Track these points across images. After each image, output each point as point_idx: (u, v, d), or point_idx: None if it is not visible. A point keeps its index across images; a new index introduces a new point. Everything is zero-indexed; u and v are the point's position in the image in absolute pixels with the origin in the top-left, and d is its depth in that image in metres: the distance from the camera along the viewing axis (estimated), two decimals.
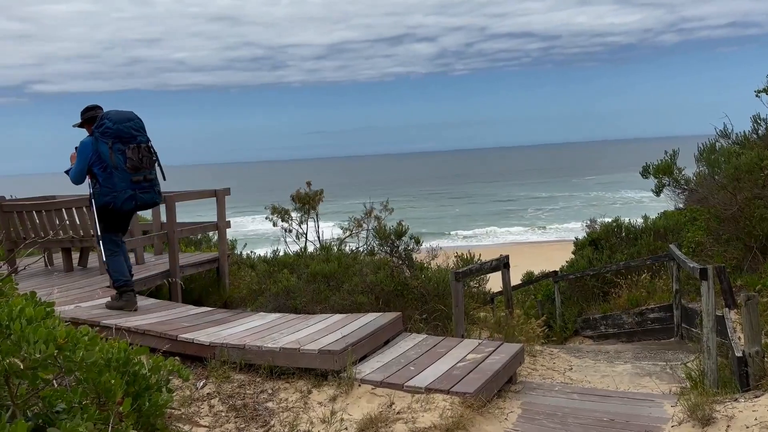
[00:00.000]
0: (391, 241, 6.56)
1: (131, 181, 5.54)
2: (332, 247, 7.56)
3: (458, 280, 5.48)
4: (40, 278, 7.74)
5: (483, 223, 49.37)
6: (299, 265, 7.11)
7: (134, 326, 5.26)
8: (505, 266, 7.53)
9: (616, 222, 10.81)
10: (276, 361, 4.63)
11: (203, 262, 8.23)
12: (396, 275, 6.27)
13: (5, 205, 8.12)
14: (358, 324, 5.15)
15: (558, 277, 10.40)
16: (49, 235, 7.90)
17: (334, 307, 6.24)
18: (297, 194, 9.34)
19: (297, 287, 6.58)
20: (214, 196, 8.23)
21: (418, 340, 5.19)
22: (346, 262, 6.59)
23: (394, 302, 6.37)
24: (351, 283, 6.25)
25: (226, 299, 8.16)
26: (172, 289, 7.60)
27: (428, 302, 6.37)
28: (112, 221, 5.78)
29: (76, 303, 6.16)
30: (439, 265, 7.31)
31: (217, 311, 6.09)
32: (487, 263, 6.60)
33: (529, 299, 12.25)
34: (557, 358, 6.73)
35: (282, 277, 6.99)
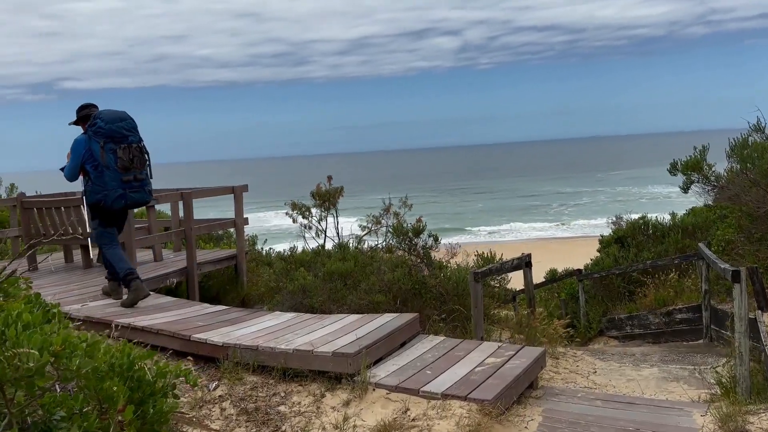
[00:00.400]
0: (409, 239, 6.41)
1: (121, 181, 5.61)
2: (349, 245, 7.43)
3: (477, 280, 5.32)
4: (59, 275, 7.75)
5: (506, 218, 48.97)
6: (316, 264, 7.00)
7: (148, 325, 5.19)
8: (527, 265, 7.34)
9: (643, 219, 10.53)
10: (289, 363, 4.52)
11: (221, 259, 8.16)
12: (414, 274, 6.13)
13: (25, 202, 8.14)
14: (374, 325, 5.02)
15: (582, 276, 10.16)
16: (68, 232, 7.91)
17: (351, 306, 6.12)
18: (317, 191, 9.23)
19: (313, 286, 6.47)
20: (232, 192, 8.16)
21: (436, 342, 5.04)
22: (362, 261, 6.46)
23: (412, 302, 6.23)
24: (368, 282, 6.13)
25: (243, 297, 8.09)
26: (190, 287, 7.55)
27: (447, 302, 6.22)
28: (105, 217, 5.87)
29: (91, 301, 6.12)
30: (458, 264, 7.14)
31: (232, 310, 6.00)
32: (507, 262, 6.42)
33: (554, 299, 12.01)
34: (581, 360, 6.53)
35: (299, 275, 6.89)
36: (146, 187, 5.78)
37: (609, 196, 59.21)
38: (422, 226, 6.40)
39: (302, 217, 9.14)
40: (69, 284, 7.00)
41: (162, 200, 7.50)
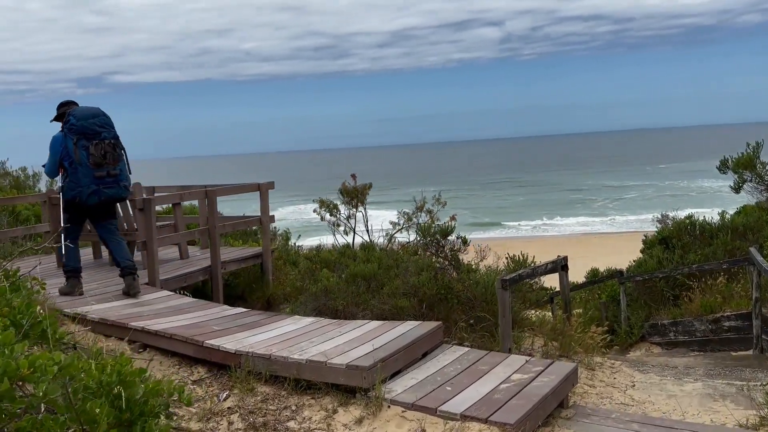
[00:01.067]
0: (436, 241, 6.11)
1: (94, 177, 5.69)
2: (377, 244, 7.17)
3: (505, 288, 4.99)
4: (87, 271, 7.68)
5: (549, 212, 47.98)
6: (340, 264, 6.77)
7: (161, 329, 5.05)
8: (562, 268, 6.96)
9: (690, 219, 9.95)
10: (302, 374, 4.29)
11: (247, 258, 8.02)
12: (440, 278, 5.83)
13: (53, 198, 8.13)
14: (394, 334, 4.76)
15: (624, 278, 9.67)
16: None
17: (374, 311, 5.87)
18: (344, 187, 9.00)
19: (337, 288, 6.24)
20: (257, 190, 7.99)
21: (459, 353, 4.74)
22: (387, 263, 6.19)
23: (438, 307, 5.94)
24: (392, 286, 5.86)
25: (269, 296, 7.94)
26: (214, 286, 7.43)
27: (475, 308, 5.90)
28: (80, 213, 6.02)
29: (111, 300, 6.03)
30: (489, 266, 6.81)
31: (251, 313, 5.82)
32: (541, 266, 6.06)
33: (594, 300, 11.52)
34: (619, 372, 6.14)
35: (322, 276, 6.67)
36: (121, 182, 5.83)
37: (657, 190, 57.45)
38: (450, 226, 6.09)
39: (329, 215, 8.92)
40: (93, 281, 6.94)
41: (186, 198, 7.39)
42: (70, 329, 5.10)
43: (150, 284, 6.64)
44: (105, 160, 5.68)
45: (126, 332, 5.21)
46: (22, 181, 14.02)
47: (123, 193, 5.95)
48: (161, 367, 4.97)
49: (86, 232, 7.95)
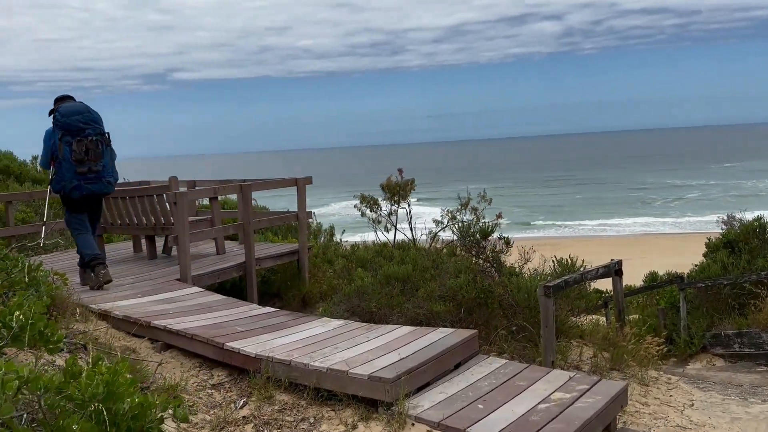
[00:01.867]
0: (476, 241, 5.71)
1: (76, 172, 5.78)
2: (412, 246, 6.81)
3: (548, 295, 4.56)
4: (123, 265, 7.66)
5: (608, 211, 46.44)
6: (375, 264, 6.45)
7: (183, 329, 4.84)
8: (616, 273, 6.44)
9: (758, 221, 9.17)
10: (322, 383, 3.99)
11: (282, 254, 7.79)
12: (479, 281, 5.43)
13: None
14: (424, 342, 4.40)
15: (685, 284, 8.99)
16: (134, 222, 7.81)
17: (408, 314, 5.52)
18: (387, 183, 8.67)
19: (370, 289, 5.92)
20: (295, 185, 7.75)
21: (496, 366, 4.35)
22: (423, 264, 5.83)
23: (476, 312, 5.54)
24: (427, 289, 5.49)
25: (304, 294, 7.69)
26: (248, 283, 7.23)
27: (517, 314, 5.48)
28: (70, 205, 6.09)
29: (139, 296, 5.89)
30: (535, 269, 6.36)
31: (279, 313, 5.57)
32: (590, 271, 5.58)
33: (652, 305, 10.84)
34: (676, 388, 5.60)
35: (357, 275, 6.37)
36: (104, 178, 5.91)
37: (722, 190, 54.83)
38: (491, 226, 5.68)
39: (370, 211, 8.61)
40: (125, 276, 6.85)
41: (220, 192, 7.21)
42: (88, 327, 4.96)
43: (181, 280, 6.48)
44: (87, 156, 5.75)
45: (149, 330, 5.04)
46: None
47: (106, 189, 6.01)
48: (182, 368, 4.77)
49: (125, 226, 7.92)
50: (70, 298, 5.29)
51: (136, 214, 7.71)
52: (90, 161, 5.79)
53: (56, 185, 5.96)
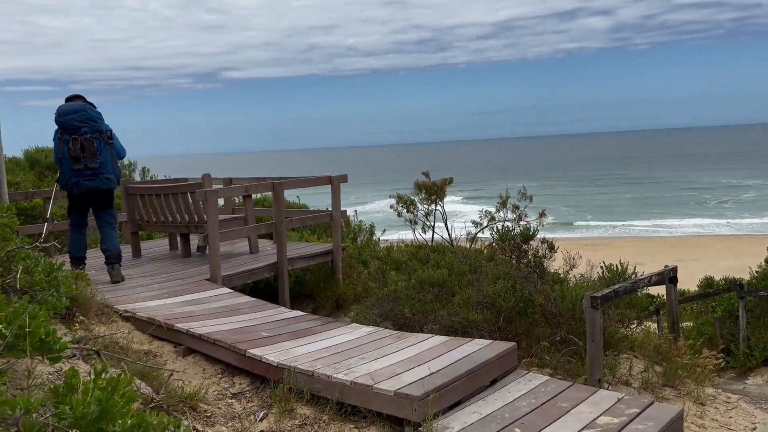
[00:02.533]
0: (516, 245, 5.33)
1: (73, 169, 5.96)
2: (448, 248, 6.46)
3: (596, 306, 4.16)
4: (157, 263, 7.56)
5: (659, 211, 44.90)
6: (410, 267, 6.14)
7: (206, 333, 4.64)
8: (671, 281, 5.97)
9: None
10: (345, 397, 3.71)
11: (316, 255, 7.56)
12: (519, 288, 5.06)
13: (130, 188, 8.05)
14: (458, 355, 4.07)
15: (745, 292, 8.39)
16: (168, 219, 7.70)
17: (442, 322, 5.19)
18: (422, 182, 8.34)
19: (404, 294, 5.62)
20: (329, 183, 7.50)
21: (536, 383, 3.98)
22: (459, 269, 5.49)
23: (516, 321, 5.17)
24: (463, 295, 5.15)
25: (338, 296, 7.44)
26: (279, 284, 7.02)
27: (560, 325, 5.09)
28: (73, 203, 6.35)
29: (166, 297, 5.73)
30: (581, 275, 5.94)
31: (307, 318, 5.31)
32: (643, 279, 5.14)
33: (708, 313, 10.21)
34: (735, 408, 5.11)
35: (390, 279, 6.07)
36: (102, 174, 6.04)
37: None
38: (533, 229, 5.30)
39: (407, 211, 8.30)
40: (156, 275, 6.72)
41: (251, 190, 7.01)
42: (110, 329, 4.81)
43: (211, 280, 6.31)
44: (83, 154, 5.90)
45: (171, 334, 4.86)
46: None
47: (103, 185, 6.10)
48: (203, 374, 4.56)
49: (160, 223, 7.82)
50: (93, 298, 5.17)
51: (170, 212, 7.59)
52: (86, 158, 5.92)
53: (60, 182, 6.20)
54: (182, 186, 7.48)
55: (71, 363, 3.53)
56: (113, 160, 6.14)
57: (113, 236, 6.38)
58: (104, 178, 6.06)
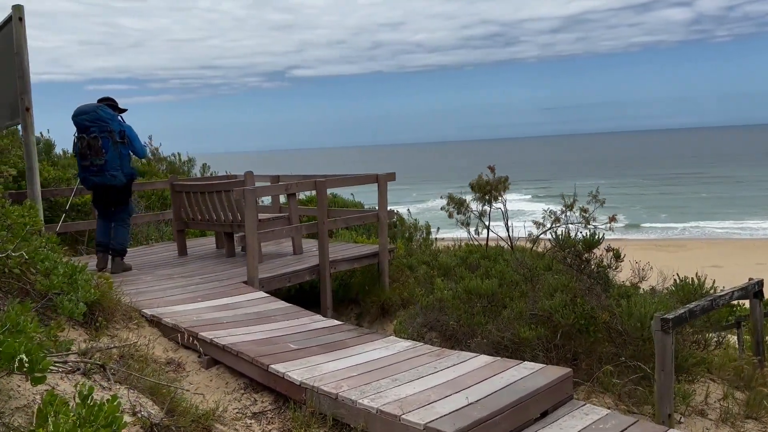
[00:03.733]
0: (577, 253, 4.74)
1: (82, 166, 6.43)
2: (501, 255, 5.90)
3: (667, 330, 3.55)
4: (198, 263, 7.33)
5: (738, 212, 42.22)
6: (458, 274, 5.63)
7: (231, 344, 4.29)
8: (755, 296, 5.23)
9: None
10: (371, 426, 3.27)
11: (361, 257, 7.14)
12: (580, 303, 4.48)
13: (176, 185, 7.89)
14: (503, 381, 3.55)
15: None
16: (213, 217, 7.48)
17: (491, 338, 4.67)
18: (477, 181, 7.79)
19: (450, 303, 5.12)
20: (375, 181, 7.07)
21: (594, 419, 3.41)
22: (511, 278, 4.94)
23: (575, 339, 4.59)
24: (515, 309, 4.61)
25: (383, 301, 7.01)
26: (321, 287, 6.66)
27: (626, 345, 4.48)
28: (92, 196, 6.86)
29: (199, 300, 5.45)
30: (651, 287, 5.28)
31: (341, 328, 4.89)
32: (723, 296, 4.46)
33: None
34: None
35: (436, 286, 5.59)
36: (108, 171, 6.33)
37: None
38: (598, 236, 4.69)
39: (458, 213, 7.78)
40: (194, 276, 6.48)
41: (292, 189, 6.67)
42: (135, 335, 4.55)
43: (248, 283, 6.00)
44: (89, 152, 6.26)
45: (196, 342, 4.55)
46: (177, 166, 14.43)
47: (108, 181, 6.39)
48: (225, 389, 4.22)
49: (204, 221, 7.61)
50: (119, 301, 4.93)
51: (215, 210, 7.37)
52: (92, 156, 6.28)
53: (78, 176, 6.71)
54: (224, 184, 7.23)
55: (70, 379, 3.24)
56: (122, 159, 6.41)
57: (120, 232, 6.74)
58: (109, 175, 6.35)
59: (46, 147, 12.35)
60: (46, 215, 8.97)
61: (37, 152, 11.99)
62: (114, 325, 4.75)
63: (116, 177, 6.37)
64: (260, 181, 10.05)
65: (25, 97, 5.27)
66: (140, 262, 7.61)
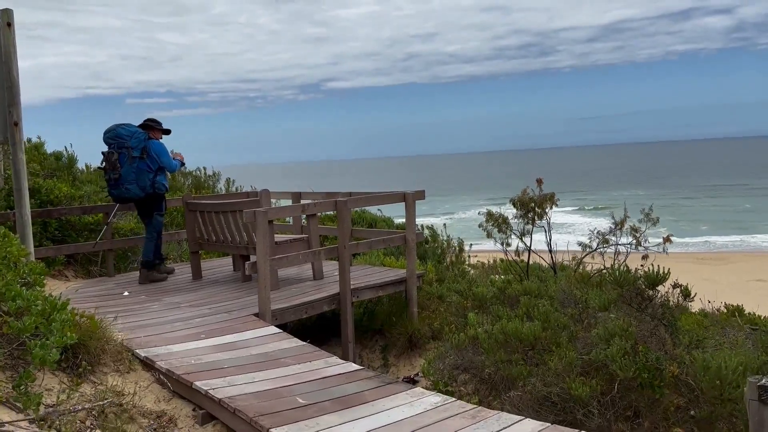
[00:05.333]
0: (638, 291, 3.99)
1: (105, 180, 7.01)
2: (545, 286, 5.15)
3: (766, 401, 2.80)
4: (210, 289, 6.74)
5: None
6: (494, 309, 4.91)
7: (227, 398, 3.67)
8: None
9: None
10: None
11: (386, 284, 6.48)
12: (642, 352, 3.74)
13: (189, 203, 7.36)
14: None
15: None
16: (227, 238, 6.92)
17: (534, 392, 3.95)
18: (521, 197, 7.05)
19: (485, 344, 4.42)
20: (403, 200, 6.41)
21: None
22: (557, 320, 4.21)
23: (636, 393, 3.85)
24: (563, 358, 3.88)
25: (411, 333, 6.33)
26: (342, 319, 6.02)
27: (700, 403, 3.72)
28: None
29: (202, 337, 4.85)
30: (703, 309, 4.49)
31: (359, 376, 4.21)
32: None
33: None
34: None
35: (470, 321, 4.89)
36: (123, 185, 6.76)
37: None
38: (664, 273, 3.93)
39: (498, 231, 7.05)
40: (202, 306, 5.89)
41: (310, 210, 6.05)
42: (124, 382, 3.95)
43: (259, 316, 5.39)
44: (109, 166, 6.73)
45: (191, 392, 3.95)
46: (202, 180, 14.02)
47: (124, 194, 6.83)
48: None
49: (219, 242, 7.06)
50: (111, 340, 4.37)
51: (229, 231, 6.81)
52: (109, 171, 6.75)
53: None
54: (238, 203, 6.67)
55: None
56: (139, 173, 6.73)
57: (146, 244, 7.16)
58: (124, 188, 6.76)
59: (69, 161, 12.01)
60: (56, 236, 8.60)
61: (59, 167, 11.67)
62: (101, 369, 4.18)
63: (130, 190, 6.77)
64: (281, 198, 9.48)
65: (13, 110, 4.78)
66: (152, 287, 7.10)
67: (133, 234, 8.87)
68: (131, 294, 6.71)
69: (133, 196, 6.86)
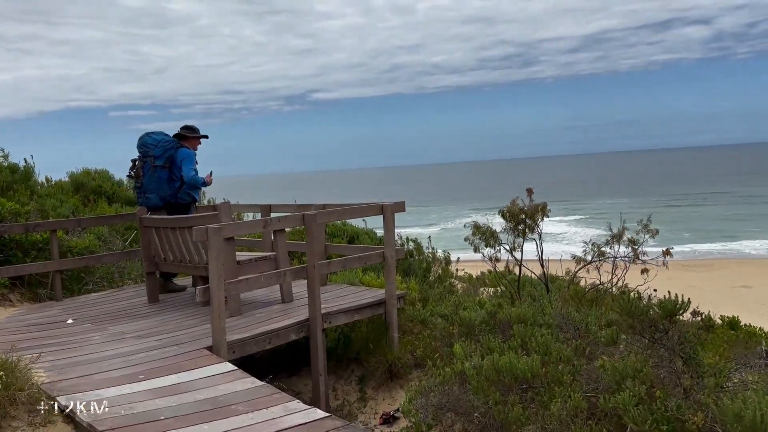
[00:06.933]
0: (650, 322, 3.36)
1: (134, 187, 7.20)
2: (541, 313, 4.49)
3: None
4: (164, 316, 6.03)
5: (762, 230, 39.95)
6: (484, 339, 4.24)
7: None
8: None
9: None
10: None
11: (362, 307, 5.79)
12: (660, 397, 3.09)
13: (144, 219, 6.65)
14: None
15: None
16: (185, 258, 6.23)
17: None
18: (510, 208, 6.43)
19: (474, 381, 3.75)
20: (380, 213, 5.75)
21: None
22: (559, 354, 3.56)
23: None
24: (566, 402, 3.23)
25: (391, 361, 5.65)
26: (312, 349, 5.32)
27: None
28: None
29: (141, 378, 4.13)
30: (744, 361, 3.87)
31: (324, 426, 3.50)
32: None
33: None
34: None
35: (455, 351, 4.23)
36: (145, 193, 6.82)
37: None
38: (682, 303, 3.29)
39: (485, 245, 6.41)
40: (150, 337, 5.16)
41: (272, 225, 5.35)
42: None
43: (213, 350, 4.68)
44: (135, 175, 6.84)
45: None
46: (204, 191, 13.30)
47: (144, 202, 6.83)
48: None
49: (177, 262, 6.36)
50: (27, 384, 3.65)
51: (187, 250, 6.11)
52: (134, 179, 6.91)
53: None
54: (191, 218, 5.98)
55: None
56: (160, 182, 6.72)
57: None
58: (144, 197, 6.82)
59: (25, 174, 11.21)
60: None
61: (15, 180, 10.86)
62: (10, 423, 3.46)
63: (150, 199, 6.78)
64: (249, 211, 8.78)
65: None
66: (102, 312, 6.38)
67: (88, 252, 8.16)
68: (76, 321, 5.99)
69: (152, 205, 6.81)
